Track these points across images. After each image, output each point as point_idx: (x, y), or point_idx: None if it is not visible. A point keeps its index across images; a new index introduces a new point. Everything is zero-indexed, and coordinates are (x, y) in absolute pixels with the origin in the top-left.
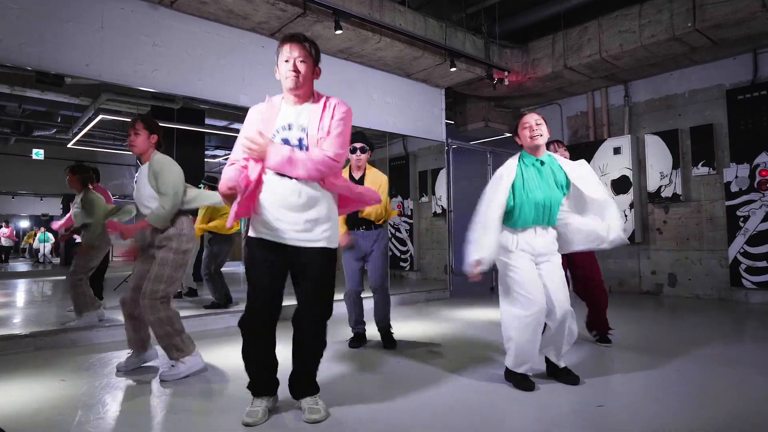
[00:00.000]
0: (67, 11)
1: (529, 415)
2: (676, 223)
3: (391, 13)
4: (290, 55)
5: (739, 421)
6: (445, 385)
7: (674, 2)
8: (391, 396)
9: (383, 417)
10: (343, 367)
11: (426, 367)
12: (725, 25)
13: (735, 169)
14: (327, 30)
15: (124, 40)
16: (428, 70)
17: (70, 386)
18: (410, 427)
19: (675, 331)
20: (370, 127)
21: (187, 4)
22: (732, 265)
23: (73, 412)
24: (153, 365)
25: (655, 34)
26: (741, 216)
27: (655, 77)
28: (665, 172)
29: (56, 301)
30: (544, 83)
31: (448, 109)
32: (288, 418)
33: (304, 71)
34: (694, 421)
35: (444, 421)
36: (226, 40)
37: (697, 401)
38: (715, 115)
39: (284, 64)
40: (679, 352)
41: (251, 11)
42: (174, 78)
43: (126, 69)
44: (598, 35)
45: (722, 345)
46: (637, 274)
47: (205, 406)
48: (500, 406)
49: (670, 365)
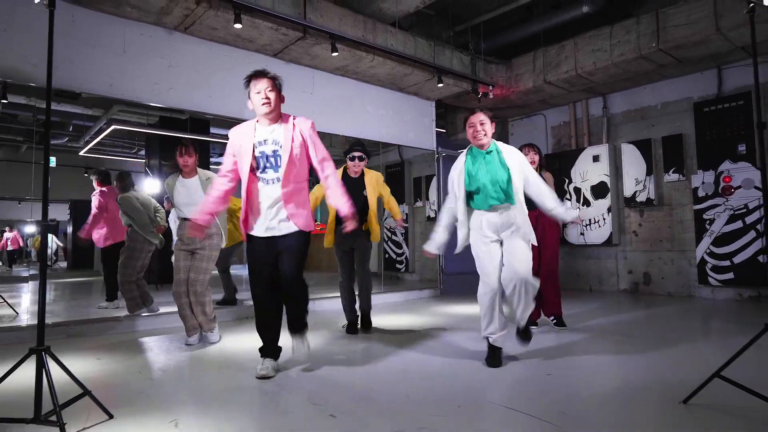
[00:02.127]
0: (94, 38)
1: (484, 379)
2: (650, 226)
3: (384, 35)
4: (260, 87)
5: (656, 381)
6: (412, 359)
7: (641, 24)
8: (367, 364)
9: (360, 379)
10: (334, 347)
11: (401, 346)
12: (685, 46)
13: (702, 176)
14: (325, 51)
15: (143, 62)
16: (418, 84)
17: (106, 362)
18: (379, 383)
19: (634, 321)
20: (365, 137)
21: (200, 29)
22: (699, 265)
23: (114, 380)
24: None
25: (624, 53)
26: (707, 219)
27: (631, 90)
28: (640, 178)
29: (80, 298)
30: (528, 96)
31: (440, 119)
32: (292, 374)
33: (273, 98)
34: (613, 381)
35: (406, 381)
36: (233, 61)
37: (624, 368)
38: (684, 126)
39: (256, 96)
40: (628, 336)
41: (257, 36)
42: (187, 95)
43: (144, 87)
44: (574, 53)
45: (659, 329)
46: (615, 273)
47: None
48: (460, 371)
49: (615, 344)
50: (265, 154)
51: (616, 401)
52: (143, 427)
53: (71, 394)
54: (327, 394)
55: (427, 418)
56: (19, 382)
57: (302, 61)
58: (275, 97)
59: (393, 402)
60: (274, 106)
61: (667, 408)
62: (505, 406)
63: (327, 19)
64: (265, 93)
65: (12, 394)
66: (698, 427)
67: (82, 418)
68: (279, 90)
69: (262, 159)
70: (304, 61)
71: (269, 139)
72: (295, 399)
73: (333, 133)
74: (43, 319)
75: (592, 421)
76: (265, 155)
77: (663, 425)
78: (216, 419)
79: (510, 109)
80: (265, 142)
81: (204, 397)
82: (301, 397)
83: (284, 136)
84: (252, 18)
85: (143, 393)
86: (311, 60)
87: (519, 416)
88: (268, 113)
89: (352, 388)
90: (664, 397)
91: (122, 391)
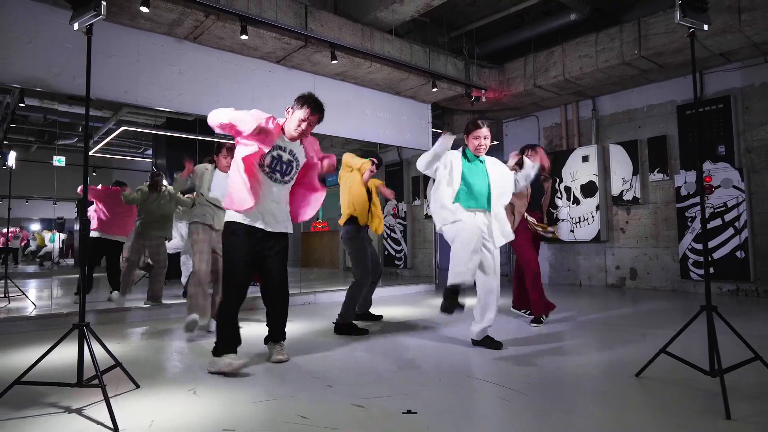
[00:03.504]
0: (111, 48)
1: (468, 359)
2: (636, 224)
3: (381, 42)
4: (310, 118)
5: (616, 360)
6: (405, 342)
7: (624, 32)
8: (363, 347)
9: (356, 358)
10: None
11: (395, 332)
12: (665, 53)
13: (684, 176)
14: (325, 58)
15: (155, 69)
16: (414, 88)
17: (128, 344)
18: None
19: (616, 314)
20: (364, 139)
21: (208, 39)
22: (682, 260)
23: (137, 358)
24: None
25: (608, 59)
26: (689, 216)
27: (618, 93)
28: (626, 177)
29: (91, 292)
30: (520, 99)
31: (437, 119)
32: (294, 355)
33: (308, 133)
34: (578, 359)
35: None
36: (239, 68)
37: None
38: (668, 128)
39: (302, 122)
40: (606, 326)
41: (261, 44)
42: (195, 100)
43: (156, 93)
44: (562, 59)
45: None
46: (603, 269)
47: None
48: (447, 353)
49: (592, 333)
50: (280, 159)
51: (577, 374)
52: (167, 394)
53: (103, 366)
54: (325, 370)
55: (411, 387)
56: (56, 356)
57: (304, 67)
58: (309, 132)
59: (383, 374)
60: (306, 134)
61: (621, 380)
62: (480, 379)
63: (327, 29)
64: (308, 126)
65: (54, 365)
66: (646, 395)
67: (113, 387)
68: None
69: (276, 162)
70: (306, 67)
71: (287, 150)
72: (297, 374)
73: (333, 135)
74: (84, 298)
75: (554, 390)
76: (280, 161)
77: (617, 394)
78: (230, 389)
79: (504, 111)
80: (284, 150)
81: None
82: (302, 372)
83: (300, 156)
84: (257, 29)
85: (165, 368)
86: (312, 66)
87: (489, 386)
88: (296, 137)
89: (348, 365)
90: (619, 372)
91: (146, 367)
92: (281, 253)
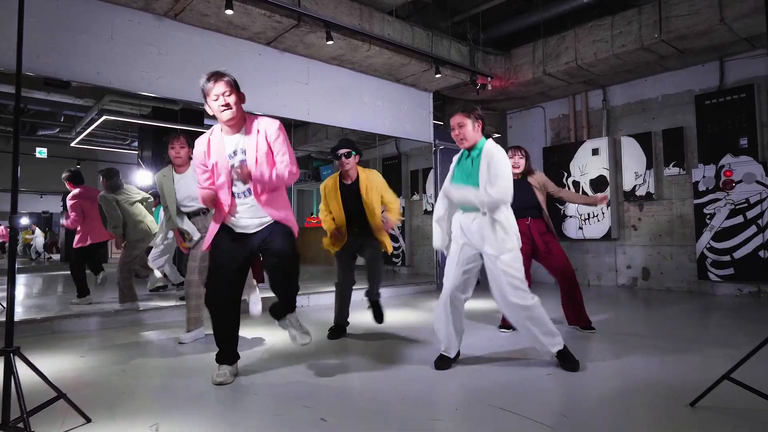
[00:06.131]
0: (80, 24)
1: (481, 379)
2: (650, 221)
3: (380, 23)
4: (217, 92)
5: (658, 382)
6: (407, 358)
7: (643, 14)
8: (360, 365)
9: (352, 380)
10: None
11: (396, 346)
12: (688, 37)
13: (702, 170)
14: (320, 39)
15: (132, 49)
16: (416, 75)
17: (91, 360)
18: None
19: (634, 318)
20: (361, 129)
21: (190, 16)
22: (699, 260)
23: (97, 378)
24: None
25: (625, 44)
26: (708, 213)
27: (631, 82)
28: (639, 172)
29: (67, 292)
30: (527, 88)
31: (438, 111)
32: (284, 373)
33: (233, 101)
34: (614, 381)
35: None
36: (225, 49)
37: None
38: (685, 119)
39: (214, 102)
40: (628, 334)
41: (249, 22)
42: (177, 84)
43: (133, 76)
44: (574, 44)
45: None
46: (613, 268)
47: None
48: (455, 371)
49: (616, 343)
50: (235, 167)
51: (617, 403)
52: (125, 429)
53: (50, 395)
54: (317, 395)
55: (424, 422)
56: None
57: (297, 50)
58: (235, 100)
59: (386, 405)
60: (236, 111)
61: (674, 411)
62: (502, 408)
63: (322, 6)
64: (223, 99)
65: None
66: (706, 431)
67: (58, 422)
68: (238, 90)
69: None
70: (299, 50)
71: (237, 151)
72: (283, 400)
73: (329, 125)
74: (12, 318)
75: (593, 425)
76: (236, 168)
77: (670, 430)
78: (200, 425)
79: (508, 101)
80: (235, 154)
81: (189, 398)
82: (289, 399)
83: (249, 144)
84: (244, 4)
85: (125, 394)
86: (306, 49)
87: (515, 419)
88: (230, 119)
89: (343, 390)
90: (668, 399)
91: (103, 392)
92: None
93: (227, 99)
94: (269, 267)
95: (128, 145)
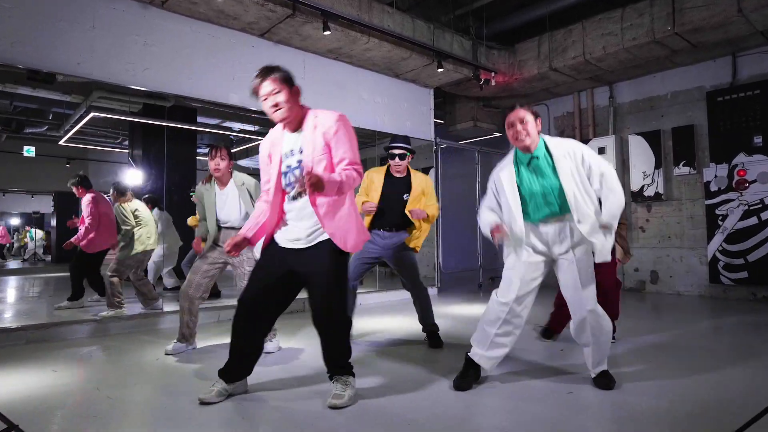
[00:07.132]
0: (59, 11)
1: (497, 398)
2: (659, 222)
3: (380, 15)
4: (264, 92)
5: (698, 403)
6: (414, 375)
7: (655, 6)
8: (363, 383)
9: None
10: None
11: (399, 360)
12: (703, 29)
13: (714, 169)
14: (316, 30)
15: (116, 39)
16: (416, 70)
17: (63, 375)
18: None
19: (651, 325)
20: (359, 126)
21: (178, 4)
22: (711, 263)
23: (66, 398)
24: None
25: (636, 37)
26: (720, 215)
27: (639, 79)
28: (648, 171)
29: (47, 297)
30: (531, 84)
31: (438, 109)
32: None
33: (284, 100)
34: (649, 402)
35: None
36: (216, 40)
37: (656, 392)
38: (696, 116)
39: (264, 103)
40: (653, 346)
41: (241, 12)
42: (165, 77)
43: (117, 68)
44: (582, 37)
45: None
46: (620, 271)
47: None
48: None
49: (642, 354)
50: (291, 167)
51: (654, 428)
52: None
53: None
54: (317, 423)
55: None
56: None
57: (292, 42)
58: (286, 98)
59: (395, 429)
60: (287, 110)
61: None
62: None
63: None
64: (272, 98)
65: None
66: None
67: None
68: (289, 85)
69: (289, 173)
70: (294, 42)
71: (295, 150)
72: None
73: None
74: None
75: None
76: (291, 168)
77: None
78: None
79: (511, 99)
80: (292, 153)
81: (171, 421)
82: (290, 428)
83: (305, 146)
84: None
85: (96, 418)
86: (302, 41)
87: None
88: (284, 119)
89: (347, 411)
90: (711, 423)
91: (72, 416)
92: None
93: (276, 98)
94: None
95: (119, 143)
